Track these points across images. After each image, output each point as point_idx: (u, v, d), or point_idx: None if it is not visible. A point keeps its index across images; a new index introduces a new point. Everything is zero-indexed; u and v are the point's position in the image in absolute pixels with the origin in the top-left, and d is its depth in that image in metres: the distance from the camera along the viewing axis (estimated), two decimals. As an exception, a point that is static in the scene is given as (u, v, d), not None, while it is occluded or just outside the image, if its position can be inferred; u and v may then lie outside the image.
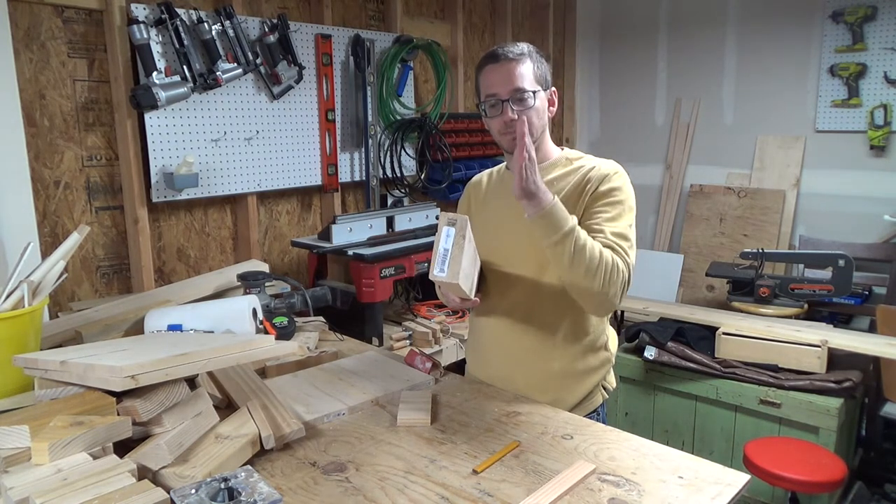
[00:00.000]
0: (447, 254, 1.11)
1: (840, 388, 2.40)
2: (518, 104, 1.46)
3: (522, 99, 1.46)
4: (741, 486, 1.16)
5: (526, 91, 1.46)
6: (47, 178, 2.08)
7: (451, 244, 1.09)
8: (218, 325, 1.77)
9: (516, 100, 1.46)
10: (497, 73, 1.48)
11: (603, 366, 1.62)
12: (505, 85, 1.46)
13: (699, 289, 3.74)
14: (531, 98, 1.46)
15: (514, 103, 1.46)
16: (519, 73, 1.46)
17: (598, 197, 1.47)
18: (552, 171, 1.55)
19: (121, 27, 2.10)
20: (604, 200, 1.46)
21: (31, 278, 1.52)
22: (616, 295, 1.39)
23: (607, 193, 1.47)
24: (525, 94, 1.46)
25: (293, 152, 2.67)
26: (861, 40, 3.22)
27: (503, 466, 1.23)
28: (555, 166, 1.56)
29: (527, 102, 1.46)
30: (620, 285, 1.39)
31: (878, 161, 3.27)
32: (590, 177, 1.50)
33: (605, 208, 1.46)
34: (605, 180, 1.48)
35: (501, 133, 1.51)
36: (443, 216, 1.07)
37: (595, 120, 4.29)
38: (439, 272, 1.12)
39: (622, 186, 1.49)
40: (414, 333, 2.32)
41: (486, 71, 1.51)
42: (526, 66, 1.47)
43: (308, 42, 2.65)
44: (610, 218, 1.45)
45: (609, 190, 1.47)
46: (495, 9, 3.65)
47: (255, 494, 1.00)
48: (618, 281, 1.38)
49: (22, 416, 1.19)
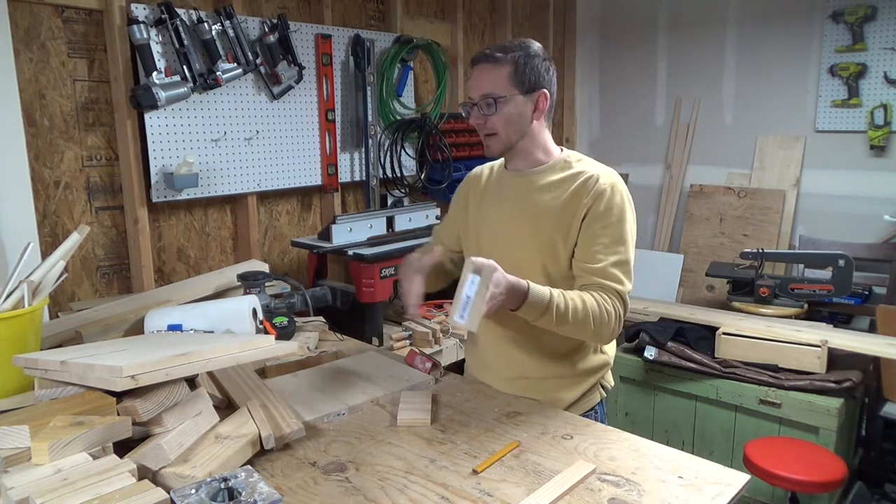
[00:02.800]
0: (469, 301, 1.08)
1: (840, 388, 2.40)
2: (484, 109, 1.49)
3: (488, 104, 1.48)
4: (741, 486, 1.16)
5: (492, 96, 1.47)
6: (47, 178, 2.08)
7: (474, 292, 1.07)
8: (218, 325, 1.77)
9: (484, 104, 1.48)
10: (473, 75, 1.52)
11: (601, 368, 1.63)
12: (477, 88, 1.50)
13: (699, 289, 3.74)
14: (496, 104, 1.47)
15: (481, 108, 1.48)
16: (494, 76, 1.47)
17: (598, 217, 1.46)
18: (549, 174, 1.55)
19: (121, 27, 2.10)
20: (604, 222, 1.46)
21: (31, 278, 1.52)
22: (608, 335, 1.45)
23: (607, 213, 1.46)
24: (490, 100, 1.47)
25: (293, 152, 2.67)
26: (861, 40, 3.22)
27: (503, 466, 1.23)
28: (552, 169, 1.55)
29: (491, 108, 1.48)
30: (611, 327, 1.43)
31: (878, 161, 3.27)
32: (587, 191, 1.48)
33: (606, 231, 1.46)
34: (603, 196, 1.47)
35: (481, 135, 1.55)
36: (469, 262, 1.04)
37: (595, 120, 4.29)
38: (459, 318, 1.10)
39: (621, 202, 1.48)
40: (414, 333, 2.32)
41: (471, 70, 1.55)
42: (501, 70, 1.46)
43: (308, 42, 2.65)
44: (609, 244, 1.45)
45: (608, 209, 1.46)
46: (495, 9, 3.65)
47: (255, 494, 1.00)
48: (608, 325, 1.42)
49: (22, 416, 1.19)
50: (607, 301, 1.42)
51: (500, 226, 1.58)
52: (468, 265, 1.10)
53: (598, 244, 1.45)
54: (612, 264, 1.44)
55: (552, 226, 1.49)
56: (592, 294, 1.42)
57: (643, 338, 2.78)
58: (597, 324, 1.40)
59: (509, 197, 1.58)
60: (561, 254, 1.50)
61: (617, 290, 1.44)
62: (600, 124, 4.28)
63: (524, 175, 1.57)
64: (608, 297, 1.42)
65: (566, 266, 1.51)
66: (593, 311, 1.39)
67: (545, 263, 1.51)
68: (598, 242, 1.46)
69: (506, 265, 1.54)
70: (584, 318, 1.38)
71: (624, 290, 1.45)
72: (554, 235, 1.49)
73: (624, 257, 1.46)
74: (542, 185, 1.53)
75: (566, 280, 1.52)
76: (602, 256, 1.45)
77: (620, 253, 1.46)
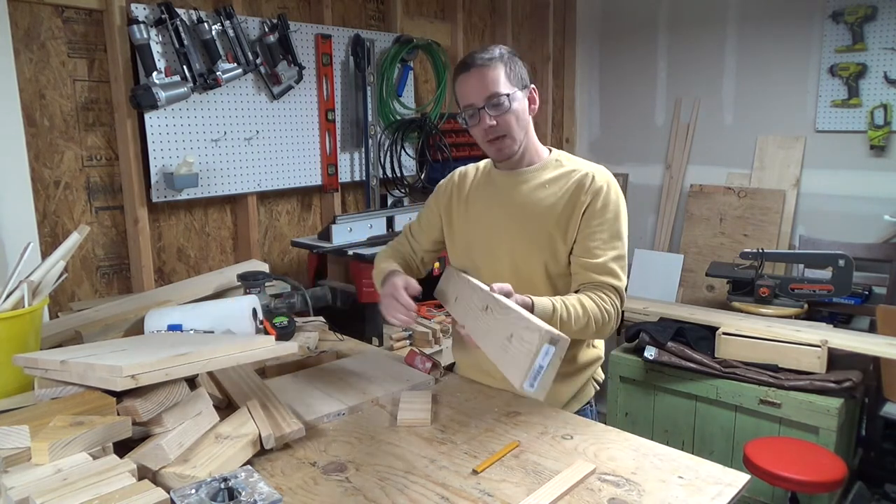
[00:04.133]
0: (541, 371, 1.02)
1: (840, 388, 2.40)
2: (494, 109, 1.47)
3: (498, 104, 1.47)
4: (741, 486, 1.16)
5: (500, 95, 1.46)
6: (47, 178, 2.08)
7: (547, 363, 1.01)
8: (218, 325, 1.77)
9: (492, 105, 1.47)
10: (469, 82, 1.49)
11: (594, 362, 1.65)
12: (479, 92, 1.48)
13: (699, 289, 3.74)
14: (506, 101, 1.47)
15: (490, 109, 1.47)
16: (492, 77, 1.47)
17: (595, 214, 1.49)
18: (543, 172, 1.56)
19: (121, 27, 2.10)
20: (600, 219, 1.49)
21: (31, 278, 1.52)
22: (609, 332, 1.49)
23: (603, 210, 1.49)
24: (500, 99, 1.47)
25: (293, 152, 2.67)
26: (861, 40, 3.22)
27: (503, 466, 1.23)
28: (545, 168, 1.56)
29: (502, 107, 1.47)
30: (611, 325, 1.47)
31: (878, 161, 3.27)
32: (584, 188, 1.50)
33: (603, 228, 1.49)
34: (600, 194, 1.50)
35: (485, 141, 1.53)
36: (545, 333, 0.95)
37: (595, 120, 4.29)
38: (529, 387, 1.02)
39: (616, 199, 1.52)
40: (414, 333, 2.32)
41: (458, 82, 1.52)
42: (497, 71, 1.47)
43: (308, 42, 2.65)
44: (607, 240, 1.48)
45: (605, 206, 1.49)
46: (495, 9, 3.65)
47: (255, 494, 1.00)
48: (608, 324, 1.45)
49: (22, 416, 1.19)
50: (605, 300, 1.45)
51: (495, 227, 1.57)
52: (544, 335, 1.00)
53: (596, 240, 1.48)
54: (612, 259, 1.47)
55: (551, 224, 1.50)
56: (590, 296, 1.44)
57: (643, 338, 2.78)
58: (598, 325, 1.43)
59: (502, 197, 1.58)
60: (560, 251, 1.51)
61: (614, 287, 1.47)
62: (600, 124, 4.27)
63: (518, 174, 1.57)
64: (606, 296, 1.45)
65: (565, 263, 1.52)
66: (594, 314, 1.42)
67: (546, 262, 1.51)
68: (597, 238, 1.48)
69: (504, 266, 1.55)
70: (587, 322, 1.41)
71: (621, 285, 1.48)
72: (553, 233, 1.50)
73: (621, 252, 1.50)
74: (537, 184, 1.54)
75: (565, 278, 1.52)
76: (601, 252, 1.47)
77: (618, 248, 1.49)
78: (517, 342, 1.10)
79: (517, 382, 1.01)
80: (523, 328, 1.10)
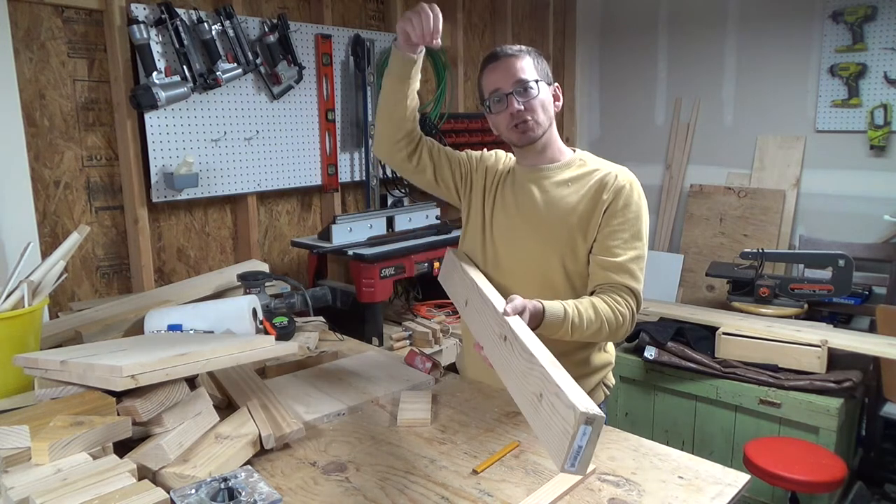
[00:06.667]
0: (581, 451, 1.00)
1: (840, 388, 2.40)
2: (522, 95, 1.47)
3: (526, 89, 1.47)
4: (741, 486, 1.16)
5: (528, 81, 1.47)
6: (47, 178, 2.08)
7: (586, 442, 0.99)
8: (218, 325, 1.77)
9: (520, 91, 1.47)
10: (498, 69, 1.50)
11: (605, 366, 1.63)
12: (507, 78, 1.48)
13: (699, 289, 3.74)
14: (535, 87, 1.47)
15: (519, 94, 1.47)
16: (520, 66, 1.48)
17: (616, 213, 1.48)
18: (566, 171, 1.55)
19: (121, 27, 2.10)
20: (622, 218, 1.47)
21: (31, 278, 1.52)
22: (623, 335, 1.46)
23: (625, 210, 1.48)
24: (528, 85, 1.47)
25: (293, 152, 2.67)
26: (861, 40, 3.22)
27: (503, 466, 1.23)
28: (569, 166, 1.56)
29: (531, 92, 1.47)
30: (626, 328, 1.44)
31: (878, 161, 3.27)
32: (607, 186, 1.49)
33: (625, 227, 1.47)
34: (622, 193, 1.48)
35: (509, 128, 1.51)
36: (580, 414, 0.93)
37: (595, 120, 4.29)
38: (570, 467, 1.01)
39: (639, 199, 1.50)
40: (414, 333, 2.32)
41: (487, 71, 1.53)
42: (526, 61, 1.49)
43: (308, 42, 2.65)
44: (628, 239, 1.47)
45: (626, 205, 1.48)
46: (495, 9, 3.65)
47: (255, 494, 1.00)
48: (623, 326, 1.43)
49: (22, 416, 1.19)
50: (620, 303, 1.42)
51: (517, 221, 1.56)
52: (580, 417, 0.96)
53: (617, 239, 1.46)
54: (631, 259, 1.45)
55: (572, 222, 1.49)
56: (604, 298, 1.42)
57: (643, 338, 2.78)
58: (612, 328, 1.41)
59: (526, 192, 1.56)
60: (580, 250, 1.50)
61: (631, 289, 1.44)
62: (600, 124, 4.27)
63: (540, 170, 1.56)
64: (621, 298, 1.43)
65: (584, 262, 1.51)
66: (607, 317, 1.40)
67: (564, 260, 1.50)
68: (618, 237, 1.46)
69: (524, 261, 1.54)
70: (599, 326, 1.39)
71: (638, 287, 1.46)
72: (574, 231, 1.49)
73: (641, 253, 1.48)
74: (560, 181, 1.53)
75: (584, 277, 1.51)
76: (621, 251, 1.45)
77: (638, 248, 1.47)
78: (549, 408, 1.04)
79: (557, 464, 1.00)
80: (554, 394, 1.04)
